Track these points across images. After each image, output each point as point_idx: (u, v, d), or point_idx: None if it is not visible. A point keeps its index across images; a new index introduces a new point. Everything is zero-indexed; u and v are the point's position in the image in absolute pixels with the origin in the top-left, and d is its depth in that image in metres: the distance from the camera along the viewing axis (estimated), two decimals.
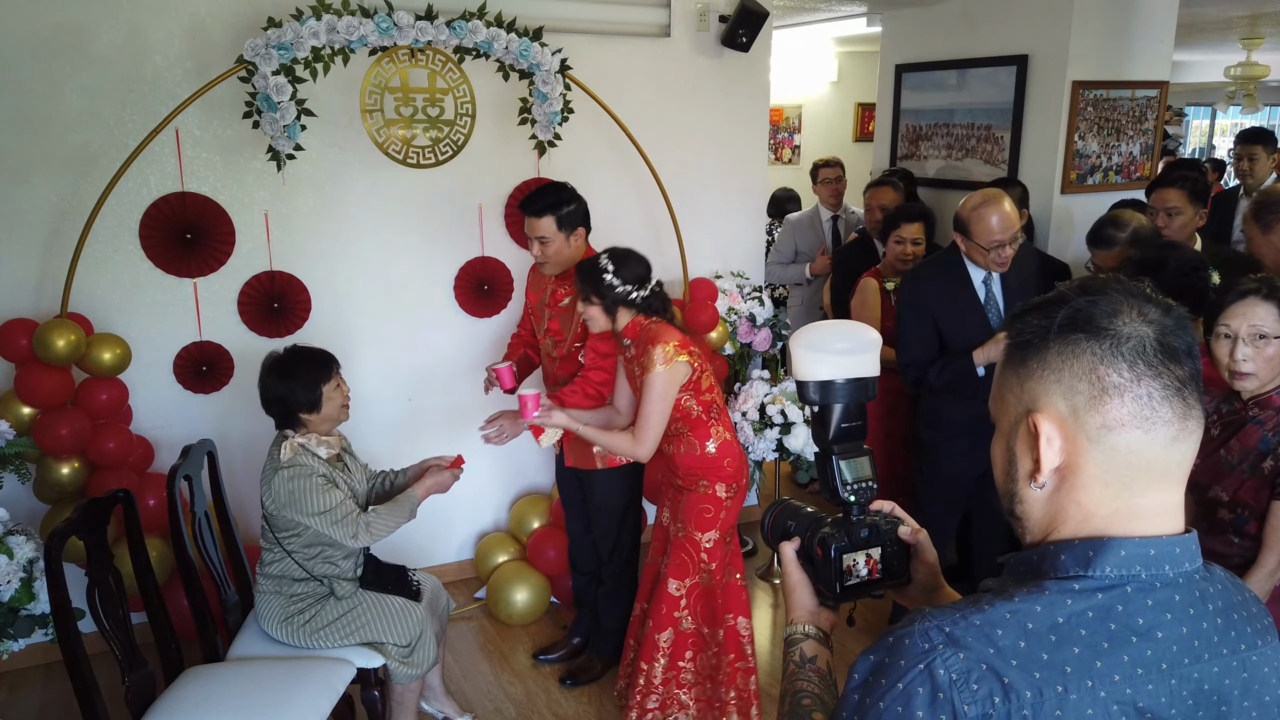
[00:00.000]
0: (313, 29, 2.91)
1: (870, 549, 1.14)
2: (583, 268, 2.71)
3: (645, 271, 2.71)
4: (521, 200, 2.97)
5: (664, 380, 2.59)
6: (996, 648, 0.81)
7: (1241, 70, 8.24)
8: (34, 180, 3.11)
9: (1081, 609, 0.82)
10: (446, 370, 3.85)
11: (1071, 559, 0.85)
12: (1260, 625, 0.90)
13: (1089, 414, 0.85)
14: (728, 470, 2.74)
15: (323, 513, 2.46)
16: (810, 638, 1.14)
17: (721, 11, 4.04)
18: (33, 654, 3.24)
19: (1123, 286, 0.87)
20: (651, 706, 2.80)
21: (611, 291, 2.65)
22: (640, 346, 2.67)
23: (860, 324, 1.21)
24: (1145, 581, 0.84)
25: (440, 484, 2.71)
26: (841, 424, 1.17)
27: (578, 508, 3.30)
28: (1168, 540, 0.85)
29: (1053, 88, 4.35)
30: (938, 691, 0.80)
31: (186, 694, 2.35)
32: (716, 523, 2.76)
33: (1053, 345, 0.87)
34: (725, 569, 2.82)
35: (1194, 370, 0.85)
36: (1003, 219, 2.85)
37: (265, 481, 2.52)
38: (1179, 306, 0.88)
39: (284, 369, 2.53)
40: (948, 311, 3.03)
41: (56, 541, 2.16)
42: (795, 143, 8.55)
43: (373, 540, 2.53)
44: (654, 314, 2.72)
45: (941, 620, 0.83)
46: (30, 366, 2.94)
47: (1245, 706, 0.86)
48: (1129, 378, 0.83)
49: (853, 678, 0.88)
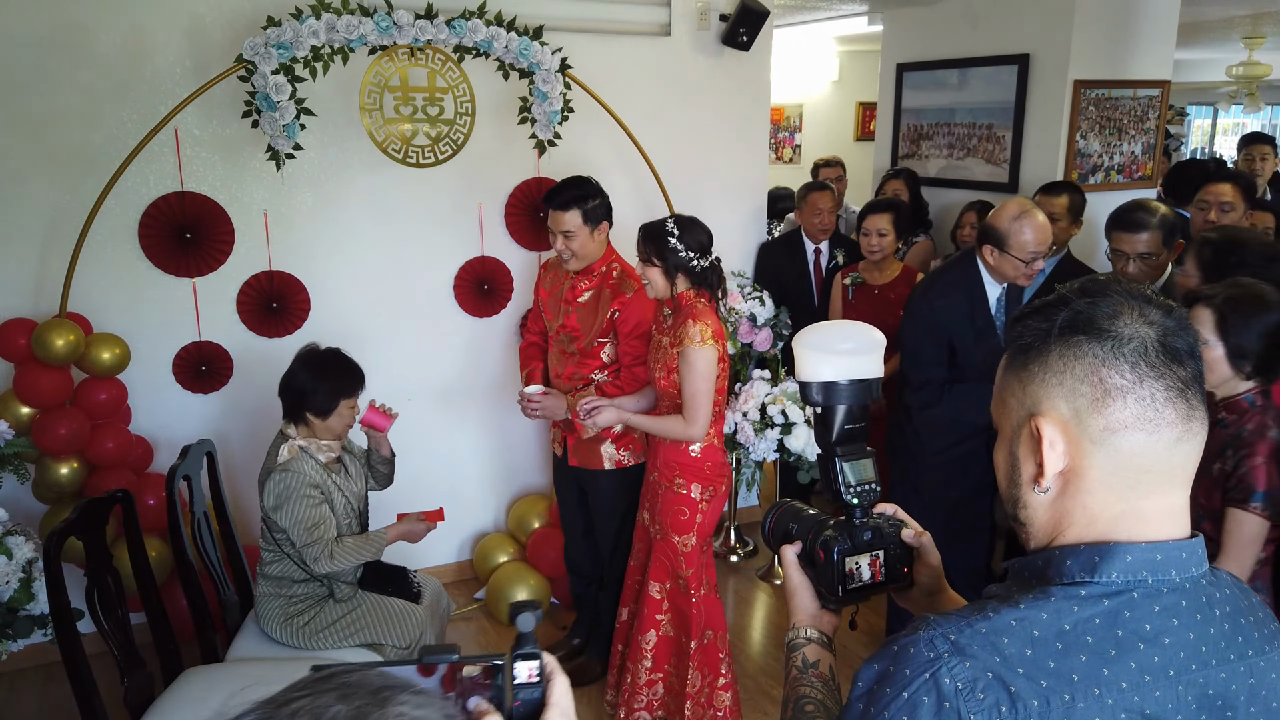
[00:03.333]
0: (312, 28, 2.91)
1: (873, 552, 1.14)
2: (648, 229, 2.70)
3: (708, 240, 2.70)
4: (546, 193, 2.95)
5: (707, 358, 2.58)
6: (1003, 656, 0.80)
7: (1243, 70, 8.23)
8: (33, 180, 3.10)
9: (1088, 615, 0.81)
10: (446, 370, 3.84)
11: (1077, 564, 0.84)
12: (1267, 631, 0.89)
13: (1092, 416, 0.84)
14: (706, 473, 2.72)
15: (304, 527, 2.47)
16: (812, 642, 1.13)
17: (722, 10, 4.03)
18: (31, 654, 3.23)
19: (1123, 288, 0.86)
20: (638, 707, 2.80)
21: (675, 255, 2.63)
22: (680, 318, 2.65)
23: (864, 325, 1.20)
24: (1152, 587, 0.83)
25: (412, 533, 2.74)
26: (845, 425, 1.16)
27: (577, 510, 3.27)
28: (1174, 545, 0.84)
29: (1054, 87, 4.34)
30: (943, 700, 0.79)
31: (185, 694, 2.35)
32: (693, 526, 2.73)
33: (1054, 348, 0.86)
34: (701, 579, 2.78)
35: (1196, 371, 0.84)
36: (1041, 230, 2.74)
37: (262, 481, 2.51)
38: (1180, 308, 0.87)
39: (318, 368, 2.53)
40: (963, 332, 2.89)
41: (55, 541, 2.15)
42: (796, 142, 8.54)
43: (332, 569, 2.52)
44: (707, 288, 2.70)
45: (947, 628, 0.82)
46: (29, 366, 2.93)
47: (1252, 712, 0.85)
48: (1131, 379, 0.83)
49: (857, 685, 0.87)
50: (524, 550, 3.86)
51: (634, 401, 2.87)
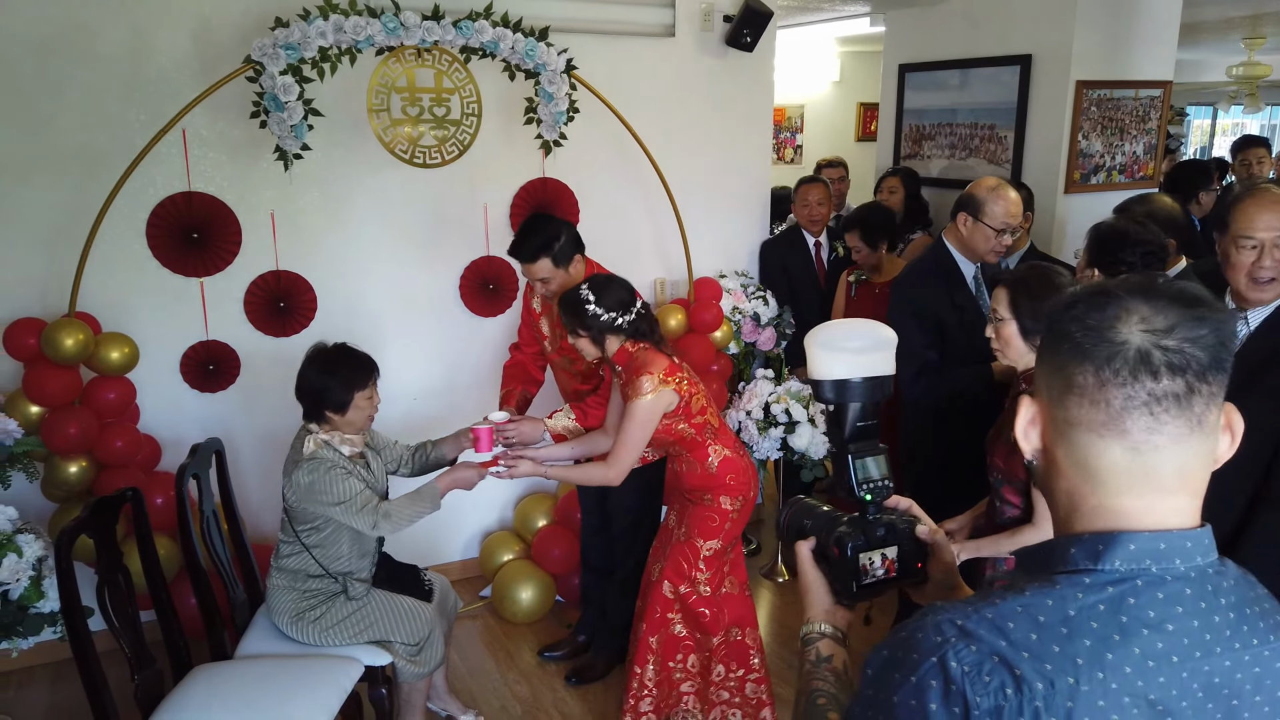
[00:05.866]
0: (320, 29, 2.92)
1: (887, 548, 1.15)
2: (565, 302, 2.68)
3: (627, 296, 2.68)
4: (510, 247, 2.91)
5: (647, 410, 2.60)
6: (1009, 640, 0.81)
7: (1243, 70, 8.25)
8: (41, 180, 3.11)
9: (1092, 602, 0.83)
10: (451, 369, 3.86)
11: (1081, 552, 0.86)
12: (1273, 621, 0.90)
13: (1056, 407, 0.88)
14: (732, 485, 2.75)
15: (341, 503, 2.46)
16: (826, 636, 1.14)
17: (726, 11, 4.04)
18: (42, 652, 3.24)
19: (1143, 288, 0.86)
20: (645, 710, 2.80)
21: (597, 321, 2.62)
22: (629, 373, 2.67)
23: (876, 322, 1.22)
24: (1155, 575, 0.84)
25: (465, 480, 2.67)
26: (857, 423, 1.17)
27: (595, 506, 3.29)
28: (1178, 534, 0.85)
29: (1056, 87, 4.36)
30: (950, 683, 0.81)
31: (195, 692, 2.36)
32: (720, 532, 2.76)
33: (1050, 338, 0.90)
34: (722, 579, 2.80)
35: (1181, 387, 0.83)
36: (1015, 204, 2.89)
37: (287, 474, 2.53)
38: (1220, 319, 0.84)
39: (326, 365, 2.53)
40: (947, 314, 2.94)
41: (66, 540, 2.17)
42: (798, 142, 8.56)
43: (393, 530, 2.52)
44: (642, 337, 2.69)
45: (954, 614, 0.84)
46: (38, 366, 2.95)
47: (1257, 701, 0.86)
48: (1093, 382, 0.84)
49: (866, 672, 0.89)
50: (529, 548, 3.88)
51: (568, 450, 2.85)
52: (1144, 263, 2.55)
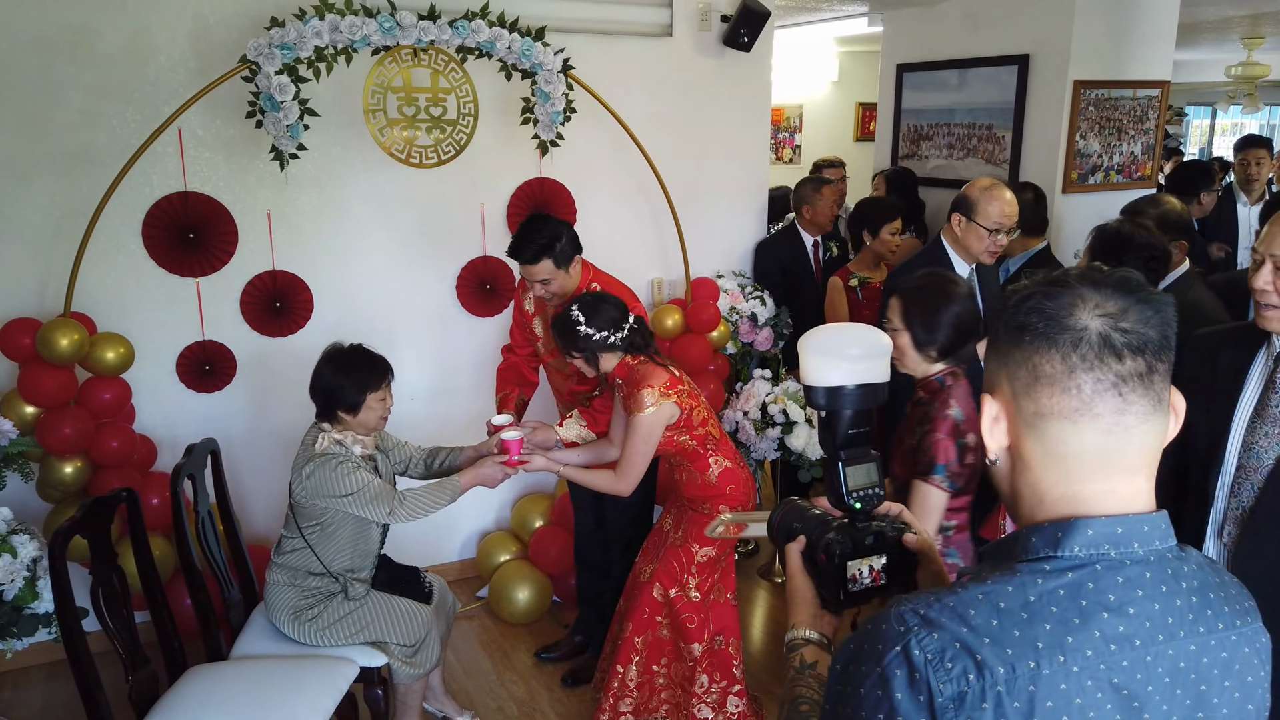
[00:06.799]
0: (315, 29, 2.91)
1: (875, 556, 1.14)
2: (556, 325, 2.68)
3: (618, 313, 2.67)
4: (510, 248, 2.89)
5: (649, 423, 2.61)
6: (970, 626, 0.82)
7: (1242, 70, 8.24)
8: (37, 180, 3.11)
9: (1052, 587, 0.84)
10: (448, 369, 3.85)
11: (1041, 540, 0.87)
12: (1239, 607, 0.91)
13: (1024, 400, 0.89)
14: (732, 495, 2.75)
15: (352, 494, 2.46)
16: (811, 643, 1.14)
17: (723, 11, 4.04)
18: (36, 653, 3.25)
19: (1089, 278, 0.88)
20: (625, 710, 2.79)
21: (589, 341, 2.62)
22: (630, 387, 2.67)
23: (872, 328, 1.20)
24: (1114, 560, 0.85)
25: (489, 477, 2.65)
26: (849, 430, 1.17)
27: (590, 505, 3.29)
28: (1135, 518, 0.87)
29: (1054, 87, 4.36)
30: (914, 671, 0.82)
31: (190, 692, 2.36)
32: (717, 540, 2.75)
33: (1008, 332, 0.90)
34: (712, 586, 2.80)
35: (1146, 365, 0.85)
36: (1009, 205, 2.89)
37: (297, 469, 2.53)
38: (1162, 303, 0.87)
39: (341, 365, 2.54)
40: None
41: (60, 540, 2.16)
42: (796, 142, 8.55)
43: (407, 517, 2.51)
44: (638, 351, 2.69)
45: (916, 604, 0.86)
46: (33, 366, 2.94)
47: (1226, 686, 0.87)
48: (1061, 369, 0.86)
49: (834, 668, 0.91)
50: (526, 549, 3.87)
51: (578, 456, 2.86)
52: (1145, 266, 2.53)
